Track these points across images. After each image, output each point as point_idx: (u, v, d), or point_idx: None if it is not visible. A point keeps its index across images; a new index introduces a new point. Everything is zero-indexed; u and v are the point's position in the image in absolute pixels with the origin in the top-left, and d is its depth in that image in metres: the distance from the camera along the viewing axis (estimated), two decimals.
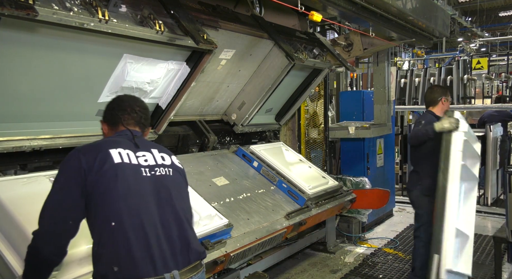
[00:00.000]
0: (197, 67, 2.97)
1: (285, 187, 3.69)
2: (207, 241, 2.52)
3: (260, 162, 3.84)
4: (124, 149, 1.78)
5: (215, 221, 2.68)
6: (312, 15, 3.32)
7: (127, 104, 1.96)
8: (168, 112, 3.10)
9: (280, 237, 3.25)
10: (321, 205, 3.79)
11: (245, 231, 2.93)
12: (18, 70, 2.23)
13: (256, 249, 3.01)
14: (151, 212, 1.71)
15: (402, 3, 3.99)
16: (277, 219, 3.27)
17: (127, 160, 1.75)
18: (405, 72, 9.09)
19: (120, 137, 1.88)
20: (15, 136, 2.35)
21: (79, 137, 2.65)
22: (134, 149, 1.82)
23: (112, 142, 1.82)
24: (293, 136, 4.97)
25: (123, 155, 1.76)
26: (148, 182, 1.76)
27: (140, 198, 1.71)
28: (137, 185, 1.73)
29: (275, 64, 3.82)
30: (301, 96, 4.57)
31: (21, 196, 2.12)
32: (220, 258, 2.56)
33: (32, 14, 1.91)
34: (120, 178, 1.69)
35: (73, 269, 1.92)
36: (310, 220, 3.59)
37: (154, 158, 1.86)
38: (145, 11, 2.53)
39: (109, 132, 1.96)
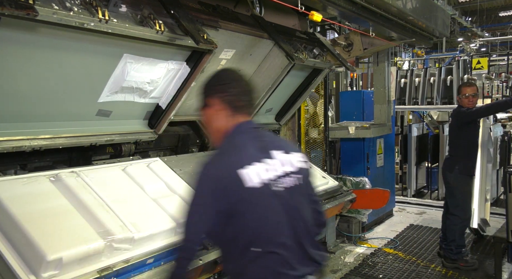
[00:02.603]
0: (197, 67, 2.97)
1: None
2: (207, 241, 2.50)
3: None
4: (253, 162, 1.62)
5: None
6: (312, 15, 3.32)
7: (244, 84, 1.77)
8: (168, 112, 3.10)
9: None
10: (321, 205, 3.77)
11: None
12: (18, 70, 2.23)
13: None
14: (286, 234, 1.65)
15: (402, 3, 3.99)
16: None
17: (257, 181, 1.60)
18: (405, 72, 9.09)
19: (243, 135, 1.72)
20: (15, 136, 2.34)
21: (79, 137, 2.65)
22: (261, 155, 1.67)
23: (240, 152, 1.65)
24: (293, 136, 4.97)
25: (252, 175, 1.60)
26: (279, 200, 1.65)
27: (274, 222, 1.63)
28: (269, 208, 1.63)
29: (275, 64, 3.81)
30: (301, 96, 4.56)
31: (21, 195, 2.12)
32: (220, 258, 2.54)
33: (32, 14, 1.91)
34: (253, 204, 1.60)
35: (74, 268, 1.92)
36: None
37: (282, 163, 1.71)
38: (145, 11, 2.53)
39: (224, 120, 1.74)
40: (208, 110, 1.77)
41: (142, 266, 2.15)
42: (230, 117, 1.74)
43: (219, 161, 1.64)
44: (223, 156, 1.67)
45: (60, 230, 1.99)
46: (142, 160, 2.93)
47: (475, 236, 5.07)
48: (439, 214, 4.80)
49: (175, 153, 3.56)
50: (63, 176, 2.35)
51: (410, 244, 4.95)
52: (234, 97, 1.74)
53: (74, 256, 1.89)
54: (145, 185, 2.61)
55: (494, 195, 6.58)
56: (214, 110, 1.75)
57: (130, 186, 2.57)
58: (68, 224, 2.05)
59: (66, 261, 1.85)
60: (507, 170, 4.09)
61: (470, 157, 4.34)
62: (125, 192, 2.48)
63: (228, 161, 1.63)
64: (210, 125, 1.80)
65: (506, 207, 4.07)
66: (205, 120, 1.81)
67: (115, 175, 2.61)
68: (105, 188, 2.41)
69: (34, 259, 1.83)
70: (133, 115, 3.04)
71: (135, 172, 2.69)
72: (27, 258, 1.84)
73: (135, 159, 2.95)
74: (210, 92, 1.78)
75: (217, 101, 1.74)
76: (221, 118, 1.75)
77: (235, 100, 1.73)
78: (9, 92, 2.27)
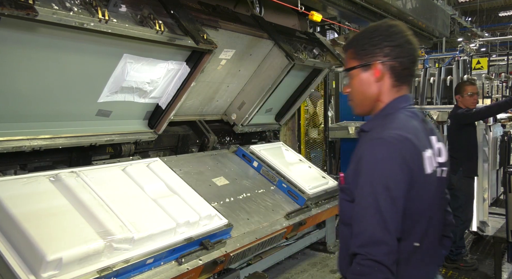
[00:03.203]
0: (197, 67, 2.97)
1: (285, 187, 3.69)
2: (207, 241, 2.52)
3: (260, 162, 3.84)
4: (428, 147, 1.41)
5: (215, 221, 2.68)
6: (312, 15, 3.33)
7: (415, 49, 1.46)
8: (168, 112, 3.10)
9: (280, 237, 3.25)
10: (321, 205, 3.79)
11: (245, 231, 2.93)
12: (18, 70, 2.23)
13: (256, 249, 3.01)
14: (438, 232, 1.52)
15: (402, 3, 3.99)
16: (277, 219, 3.27)
17: (430, 169, 1.40)
18: None
19: (409, 114, 1.44)
20: (15, 136, 2.34)
21: (79, 137, 2.65)
22: (428, 140, 1.44)
23: (417, 134, 1.38)
24: (293, 136, 4.97)
25: (428, 161, 1.39)
26: (435, 193, 1.46)
27: (433, 215, 1.46)
28: (434, 199, 1.45)
29: (275, 64, 3.82)
30: (301, 96, 4.56)
31: (21, 195, 2.12)
32: (220, 258, 2.56)
33: (32, 14, 1.91)
34: (427, 194, 1.40)
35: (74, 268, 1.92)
36: (310, 220, 3.59)
37: (438, 151, 1.49)
38: (145, 11, 2.53)
39: (383, 92, 1.46)
40: (362, 74, 1.48)
41: (142, 266, 2.15)
42: (393, 88, 1.46)
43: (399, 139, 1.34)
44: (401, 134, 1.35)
45: (60, 230, 1.98)
46: (142, 160, 2.93)
47: (474, 236, 5.08)
48: None
49: (175, 153, 3.56)
50: (62, 176, 2.35)
51: None
52: (402, 64, 1.44)
53: (74, 256, 1.89)
54: (145, 185, 2.61)
55: (494, 195, 6.58)
56: (371, 75, 1.47)
57: (130, 186, 2.57)
58: (67, 224, 2.05)
59: (66, 261, 1.85)
60: (507, 170, 4.09)
61: (472, 158, 4.35)
62: (124, 192, 2.48)
63: (410, 141, 1.35)
64: (358, 92, 1.51)
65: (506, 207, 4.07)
66: (353, 84, 1.51)
67: (115, 175, 2.61)
68: (105, 188, 2.41)
69: (34, 259, 1.82)
70: (133, 115, 3.04)
71: (135, 172, 2.69)
72: (27, 258, 1.84)
73: (135, 159, 2.95)
74: (372, 51, 1.45)
75: (378, 65, 1.45)
76: (378, 88, 1.47)
77: (402, 69, 1.44)
78: (9, 92, 2.27)
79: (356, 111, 1.58)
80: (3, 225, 1.95)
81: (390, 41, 1.44)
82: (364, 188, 1.35)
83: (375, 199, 1.30)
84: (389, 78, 1.46)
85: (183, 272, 2.29)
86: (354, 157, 1.45)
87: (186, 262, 2.34)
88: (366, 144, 1.40)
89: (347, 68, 1.52)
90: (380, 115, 1.48)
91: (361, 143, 1.44)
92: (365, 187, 1.34)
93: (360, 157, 1.39)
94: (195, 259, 2.41)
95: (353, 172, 1.41)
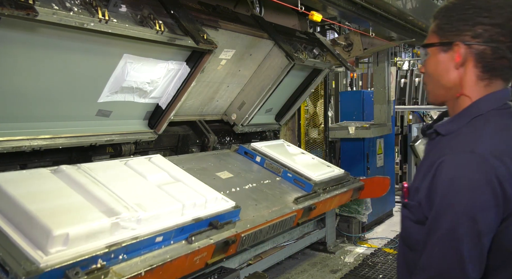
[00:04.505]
0: (197, 67, 2.97)
1: (291, 176, 3.65)
2: (216, 222, 2.42)
3: (263, 156, 3.82)
4: None
5: (222, 204, 2.59)
6: (312, 15, 3.32)
7: None
8: (168, 112, 3.10)
9: (291, 222, 3.18)
10: (330, 191, 3.73)
11: (254, 215, 2.86)
12: (18, 70, 2.23)
13: (268, 232, 2.92)
14: None
15: (402, 3, 3.99)
16: (286, 204, 3.22)
17: None
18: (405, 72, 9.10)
19: (504, 116, 1.14)
20: (15, 136, 2.34)
21: (79, 137, 2.65)
22: None
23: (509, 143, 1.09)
24: (293, 136, 4.97)
25: None
26: None
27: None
28: None
29: (275, 64, 3.82)
30: (301, 96, 4.57)
31: (21, 181, 2.09)
32: (231, 238, 2.46)
33: (32, 14, 1.91)
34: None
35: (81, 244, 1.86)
36: (320, 205, 3.53)
37: None
38: (145, 11, 2.53)
39: (470, 83, 1.15)
40: (440, 54, 1.20)
41: (152, 245, 2.08)
42: (479, 81, 1.15)
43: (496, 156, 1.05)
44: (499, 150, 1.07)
45: (64, 210, 1.92)
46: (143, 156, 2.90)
47: None
48: None
49: (175, 153, 3.56)
50: (63, 168, 2.33)
51: None
52: (497, 51, 1.10)
53: (80, 232, 1.82)
54: (147, 175, 2.55)
55: None
56: (450, 58, 1.17)
57: (132, 175, 2.51)
58: (71, 205, 2.00)
59: (72, 237, 1.78)
60: None
61: None
62: (127, 180, 2.42)
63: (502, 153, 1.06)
64: (433, 76, 1.23)
65: None
66: (429, 64, 1.24)
67: (116, 166, 2.58)
68: (107, 176, 2.36)
69: (40, 236, 1.76)
70: (133, 115, 3.04)
71: (137, 164, 2.65)
72: (33, 237, 1.77)
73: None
74: (458, 27, 1.14)
75: (461, 48, 1.14)
76: (457, 76, 1.17)
77: (495, 57, 1.11)
78: (9, 92, 2.27)
79: (429, 98, 1.30)
80: (5, 208, 1.90)
81: (486, 17, 1.10)
82: (442, 214, 1.07)
83: (455, 230, 1.05)
84: (474, 67, 1.14)
85: (194, 249, 2.22)
86: (424, 167, 1.18)
87: (197, 241, 2.27)
88: (450, 156, 1.09)
89: (425, 43, 1.25)
90: (465, 115, 1.17)
91: (439, 150, 1.15)
92: (444, 212, 1.07)
93: (439, 172, 1.09)
94: (206, 238, 2.33)
95: (426, 188, 1.13)
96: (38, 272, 1.62)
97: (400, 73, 8.95)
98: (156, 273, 2.00)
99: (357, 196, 4.21)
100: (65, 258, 1.73)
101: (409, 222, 1.24)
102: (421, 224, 1.16)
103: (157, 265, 2.00)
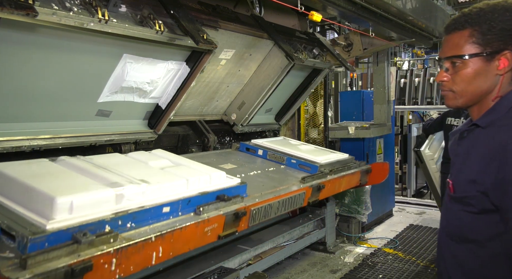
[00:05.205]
0: (197, 67, 2.97)
1: (295, 162, 3.64)
2: (223, 195, 2.37)
3: (265, 149, 3.81)
4: None
5: (228, 180, 2.55)
6: (312, 15, 3.32)
7: None
8: (168, 112, 3.10)
9: (300, 199, 3.14)
10: (337, 172, 3.69)
11: (262, 192, 2.82)
12: (18, 70, 2.23)
13: (278, 209, 2.87)
14: None
15: (402, 3, 3.99)
16: (294, 183, 3.20)
17: None
18: (405, 72, 9.11)
19: None
20: (14, 136, 2.34)
21: (79, 137, 2.65)
22: None
23: None
24: (293, 136, 4.97)
25: None
26: None
27: None
28: None
29: (275, 64, 3.82)
30: (301, 96, 4.57)
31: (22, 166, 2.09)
32: (241, 210, 2.40)
33: (32, 14, 1.90)
34: None
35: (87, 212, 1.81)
36: (329, 185, 3.49)
37: None
38: (145, 11, 2.53)
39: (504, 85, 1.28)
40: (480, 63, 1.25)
41: (159, 215, 2.04)
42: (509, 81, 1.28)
43: None
44: None
45: (66, 185, 1.90)
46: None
47: None
48: (439, 214, 4.80)
49: (175, 153, 3.56)
50: (63, 157, 2.33)
51: (410, 244, 4.95)
52: None
53: (85, 201, 1.79)
54: (149, 161, 2.54)
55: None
56: (493, 66, 1.25)
57: (134, 162, 2.49)
58: (73, 181, 1.97)
59: (77, 205, 1.75)
60: None
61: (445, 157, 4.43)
62: (129, 165, 2.40)
63: None
64: (470, 84, 1.28)
65: None
66: (464, 74, 1.28)
67: (117, 157, 2.58)
68: (109, 162, 2.36)
69: (44, 205, 1.72)
70: (133, 115, 3.04)
71: (138, 155, 2.65)
72: (37, 208, 1.74)
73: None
74: (504, 36, 1.22)
75: (508, 58, 1.24)
76: (495, 81, 1.26)
77: None
78: (9, 92, 2.27)
79: (454, 103, 1.36)
80: (6, 189, 1.89)
81: None
82: None
83: None
84: (509, 71, 1.25)
85: (204, 219, 2.17)
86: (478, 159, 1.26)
87: (205, 212, 2.22)
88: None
89: (460, 54, 1.25)
90: (499, 109, 1.28)
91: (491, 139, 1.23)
92: None
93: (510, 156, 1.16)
94: (214, 210, 2.28)
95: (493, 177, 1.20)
96: (45, 232, 1.60)
97: (400, 73, 8.96)
98: (167, 239, 1.96)
99: (365, 180, 4.13)
100: (72, 222, 1.70)
101: (466, 215, 1.28)
102: (485, 214, 1.23)
103: (167, 231, 1.96)
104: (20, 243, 1.57)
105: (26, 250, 1.53)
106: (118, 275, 1.74)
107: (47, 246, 1.57)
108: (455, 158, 1.42)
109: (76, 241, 1.63)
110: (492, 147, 1.22)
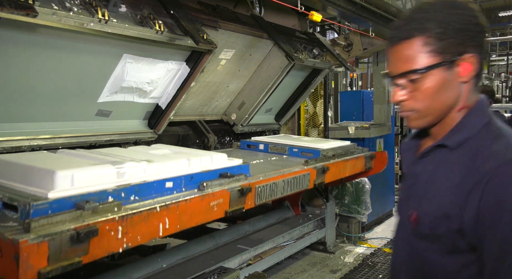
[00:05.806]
0: (197, 67, 2.97)
1: (297, 151, 3.64)
2: (225, 173, 2.34)
3: (266, 143, 3.81)
4: None
5: (229, 161, 2.51)
6: (312, 15, 3.33)
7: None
8: (168, 112, 3.10)
9: (306, 181, 3.11)
10: (340, 156, 3.67)
11: (266, 173, 2.79)
12: (17, 70, 2.23)
13: (284, 188, 2.84)
14: None
15: (402, 3, 4.00)
16: (298, 166, 3.19)
17: None
18: None
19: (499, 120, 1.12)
20: (14, 136, 2.34)
21: (79, 137, 2.65)
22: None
23: None
24: None
25: None
26: None
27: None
28: None
29: (275, 64, 3.82)
30: (301, 96, 4.57)
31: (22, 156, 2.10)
32: (246, 186, 2.37)
33: (31, 14, 1.91)
34: None
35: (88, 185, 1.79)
36: (333, 168, 3.47)
37: None
38: (145, 11, 2.53)
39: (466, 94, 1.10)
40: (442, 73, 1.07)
41: (163, 190, 2.02)
42: (474, 89, 1.11)
43: None
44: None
45: (66, 164, 1.88)
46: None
47: None
48: None
49: None
50: (62, 150, 2.34)
51: None
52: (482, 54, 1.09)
53: (86, 175, 1.77)
54: (149, 151, 2.53)
55: None
56: (455, 74, 1.07)
57: (134, 152, 2.49)
58: (72, 162, 1.97)
59: (77, 178, 1.74)
60: None
61: None
62: (130, 153, 2.39)
63: None
64: (434, 99, 1.09)
65: None
66: (426, 89, 1.08)
67: (117, 149, 2.58)
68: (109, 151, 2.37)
69: (44, 179, 1.71)
70: (133, 115, 3.04)
71: (137, 148, 2.67)
72: (38, 183, 1.72)
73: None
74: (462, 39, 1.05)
75: (470, 61, 1.06)
76: (459, 90, 1.09)
77: (480, 62, 1.08)
78: (9, 92, 2.27)
79: (419, 124, 1.16)
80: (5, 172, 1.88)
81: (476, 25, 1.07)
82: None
83: None
84: (474, 77, 1.09)
85: (208, 193, 2.14)
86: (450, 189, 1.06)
87: (209, 188, 2.18)
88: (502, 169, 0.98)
89: (416, 68, 1.07)
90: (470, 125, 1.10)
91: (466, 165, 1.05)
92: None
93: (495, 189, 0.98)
94: (218, 186, 2.23)
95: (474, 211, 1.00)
96: (47, 200, 1.59)
97: None
98: (172, 211, 1.93)
99: (370, 166, 4.08)
100: (73, 192, 1.69)
101: (434, 255, 1.11)
102: (457, 254, 1.06)
103: (171, 202, 1.93)
104: (23, 211, 1.56)
105: (30, 216, 1.52)
106: (126, 244, 1.72)
107: (50, 213, 1.56)
108: (412, 178, 1.22)
109: (80, 208, 1.62)
110: (470, 174, 1.02)
